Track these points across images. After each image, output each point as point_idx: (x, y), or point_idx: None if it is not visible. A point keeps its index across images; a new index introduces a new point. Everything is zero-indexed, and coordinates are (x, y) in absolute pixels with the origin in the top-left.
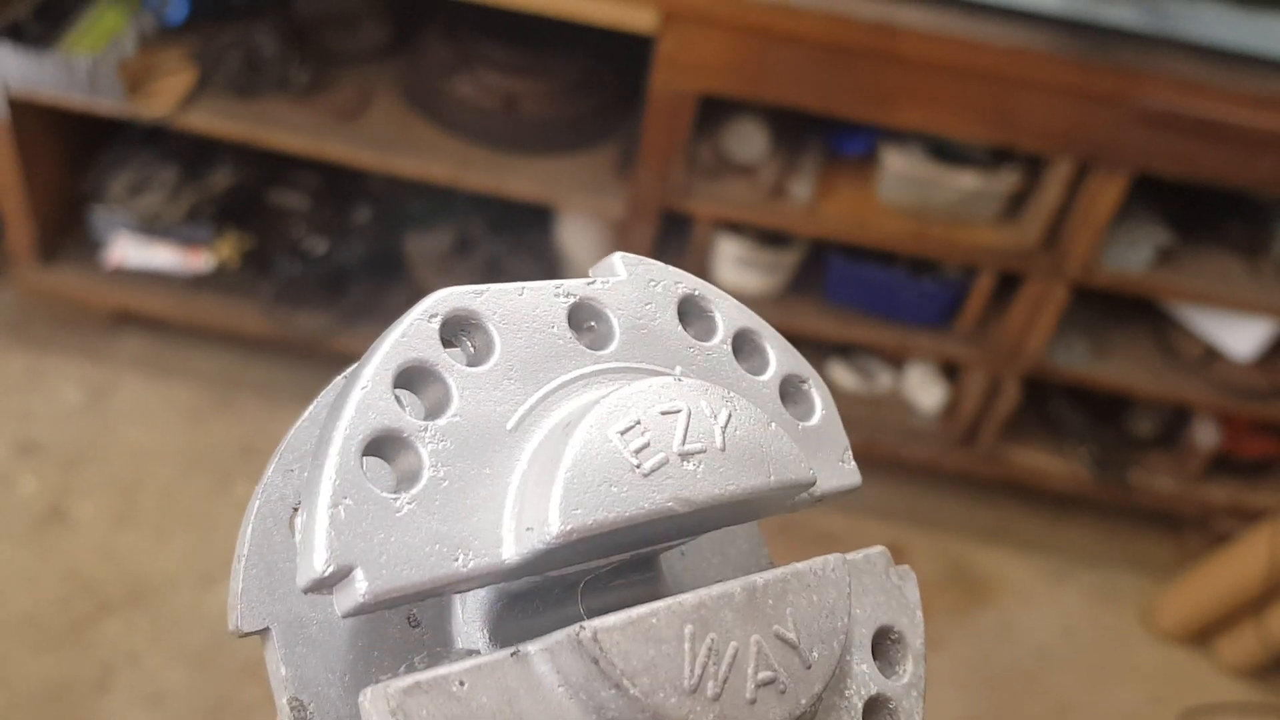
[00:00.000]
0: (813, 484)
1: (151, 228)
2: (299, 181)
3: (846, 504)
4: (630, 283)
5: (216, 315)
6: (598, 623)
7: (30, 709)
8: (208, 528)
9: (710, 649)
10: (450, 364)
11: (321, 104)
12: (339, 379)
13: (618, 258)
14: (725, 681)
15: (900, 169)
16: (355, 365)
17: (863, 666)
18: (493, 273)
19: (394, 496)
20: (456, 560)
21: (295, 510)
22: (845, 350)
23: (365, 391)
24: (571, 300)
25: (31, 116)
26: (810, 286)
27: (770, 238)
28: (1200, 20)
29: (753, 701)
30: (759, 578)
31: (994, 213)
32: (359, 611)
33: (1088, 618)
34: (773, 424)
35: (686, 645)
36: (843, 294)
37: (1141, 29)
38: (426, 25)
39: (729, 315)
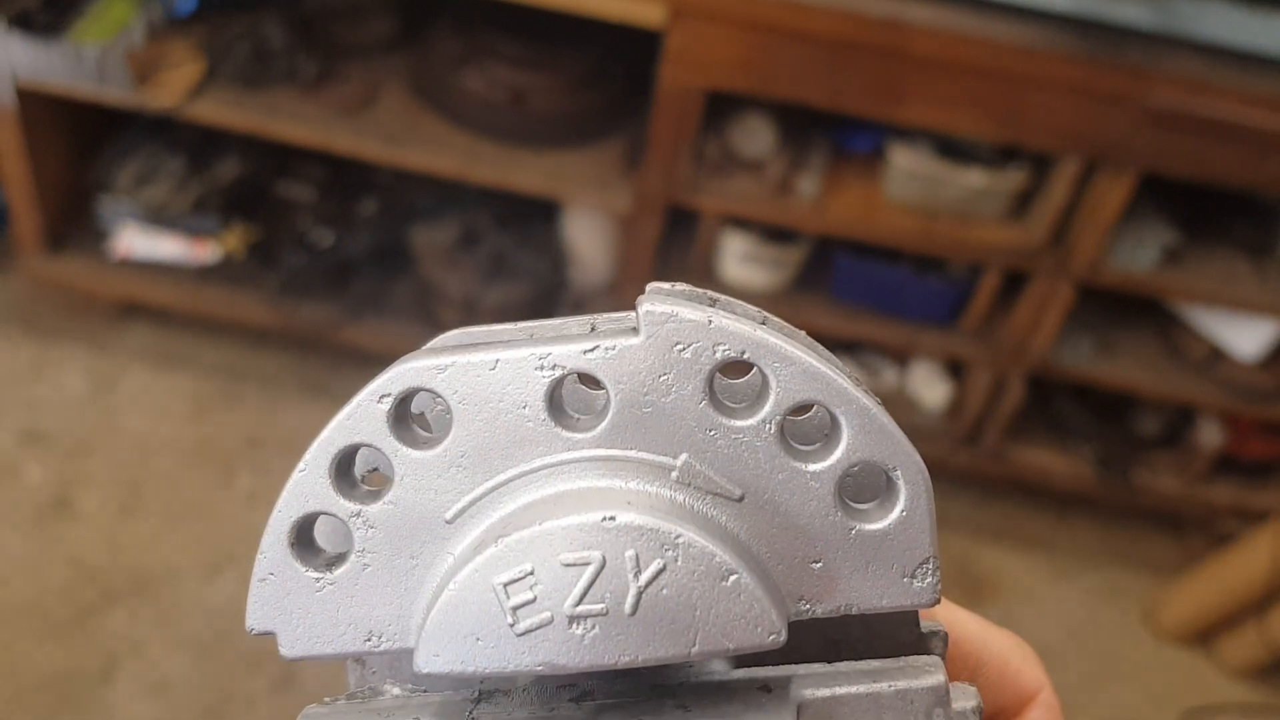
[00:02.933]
0: (772, 646)
1: (158, 218)
2: (306, 173)
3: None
4: (646, 347)
5: (222, 306)
6: None
7: (34, 698)
8: (212, 518)
9: None
10: (395, 448)
11: (329, 96)
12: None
13: (642, 312)
14: None
15: (907, 166)
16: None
17: None
18: (498, 266)
19: (317, 576)
20: (369, 641)
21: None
22: (850, 347)
23: (302, 475)
24: (555, 375)
25: (39, 106)
26: (816, 283)
27: (776, 234)
28: (1209, 20)
29: None
30: None
31: (1001, 211)
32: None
33: (1090, 617)
34: (735, 577)
35: None
36: (848, 291)
37: (1150, 28)
38: (435, 18)
39: (787, 385)
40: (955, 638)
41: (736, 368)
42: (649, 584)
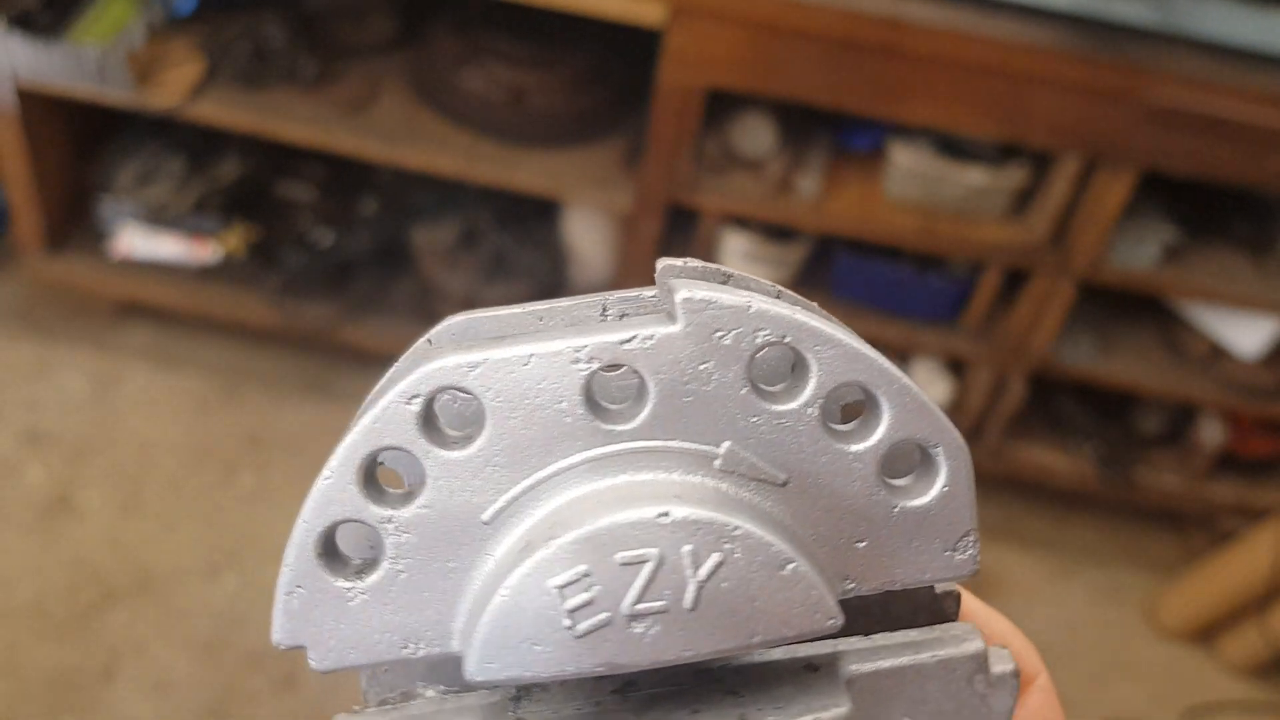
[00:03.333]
0: (830, 631)
1: (158, 218)
2: (306, 173)
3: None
4: (686, 335)
5: (223, 306)
6: None
7: (37, 697)
8: (214, 518)
9: None
10: (426, 450)
11: (329, 95)
12: (420, 343)
13: (679, 300)
14: None
15: (908, 164)
16: (425, 337)
17: None
18: (498, 266)
19: (348, 586)
20: (406, 648)
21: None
22: None
23: (328, 483)
24: (595, 367)
25: (39, 106)
26: (817, 281)
27: (777, 232)
28: (1209, 17)
29: None
30: None
31: (1001, 209)
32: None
33: (1091, 615)
34: (793, 565)
35: None
36: (849, 289)
37: (1150, 26)
38: (435, 18)
39: (830, 368)
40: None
41: (786, 384)
42: (709, 578)
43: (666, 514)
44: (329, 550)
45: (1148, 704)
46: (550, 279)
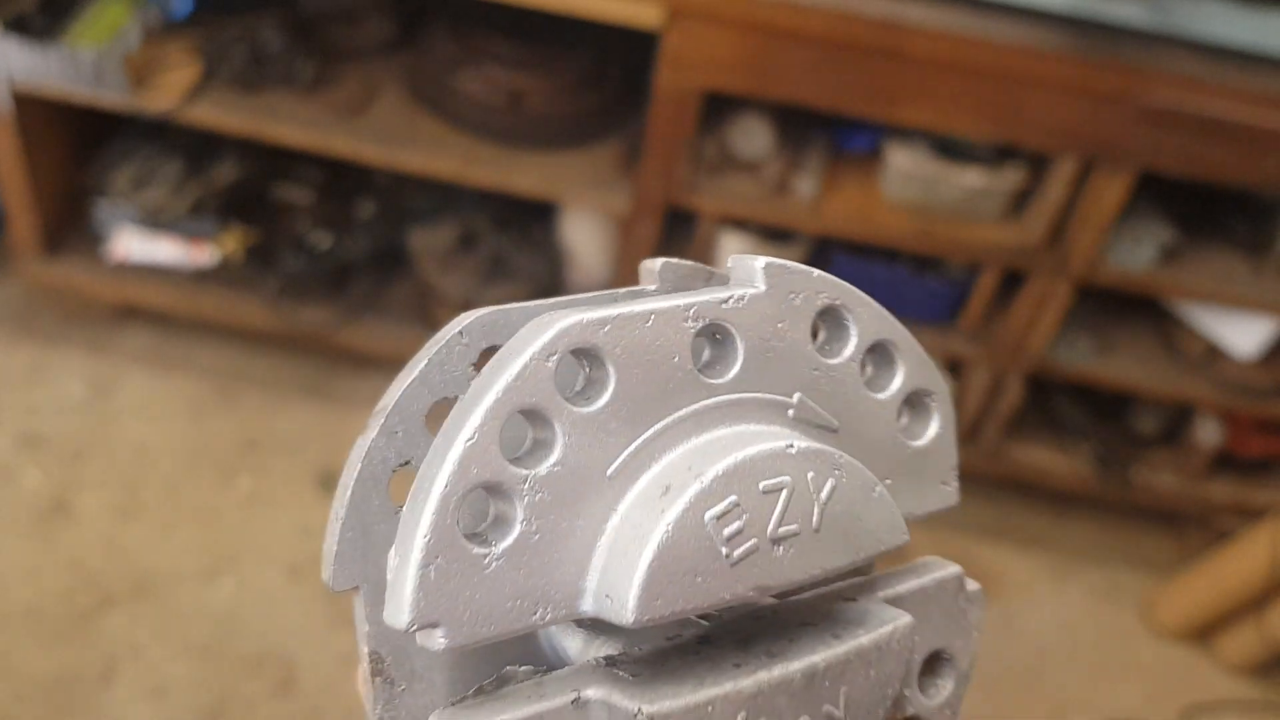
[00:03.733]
0: (906, 543)
1: (155, 221)
2: (303, 176)
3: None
4: (768, 296)
5: (220, 309)
6: (655, 708)
7: (34, 701)
8: (211, 521)
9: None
10: (561, 408)
11: (326, 99)
12: (450, 333)
13: (760, 265)
14: None
15: (905, 166)
16: (456, 328)
17: (906, 692)
18: (496, 268)
19: (484, 552)
20: (535, 614)
21: (394, 471)
22: None
23: (470, 445)
24: (701, 324)
25: (36, 110)
26: None
27: (774, 234)
28: (1205, 18)
29: None
30: (821, 659)
31: (998, 210)
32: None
33: (1089, 615)
34: (878, 488)
35: None
36: None
37: (1146, 27)
38: (432, 20)
39: (866, 327)
40: None
41: (833, 341)
42: (828, 500)
43: (792, 445)
44: (464, 517)
45: (1145, 703)
46: (548, 281)
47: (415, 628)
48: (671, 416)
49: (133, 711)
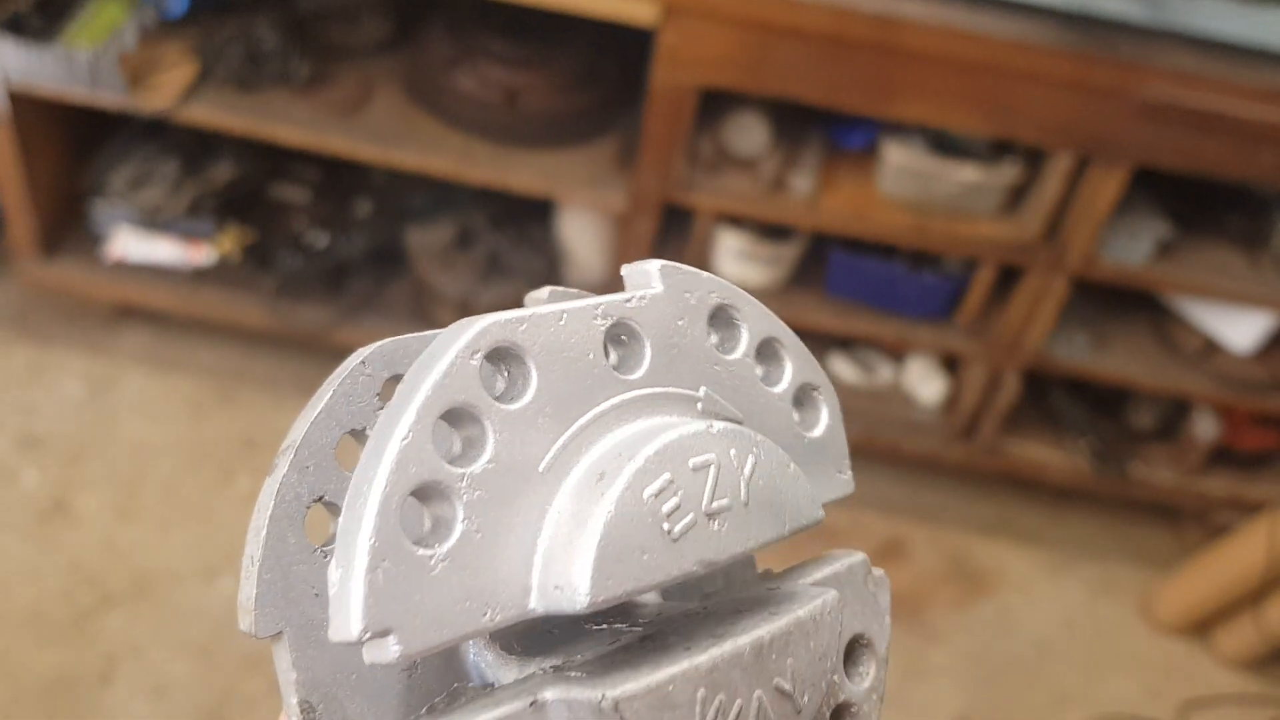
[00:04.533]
0: (822, 520)
1: (153, 221)
2: (300, 175)
3: (847, 498)
4: (666, 296)
5: (218, 309)
6: (618, 692)
7: (34, 702)
8: (210, 521)
9: (718, 710)
10: (490, 405)
11: (323, 97)
12: (353, 363)
13: (655, 267)
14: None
15: (901, 162)
16: (358, 359)
17: (835, 678)
18: (494, 266)
19: (429, 554)
20: (484, 616)
21: (308, 508)
22: (845, 343)
23: (405, 444)
24: (609, 323)
25: (32, 110)
26: (811, 280)
27: (771, 231)
28: (1200, 12)
29: None
30: (765, 632)
31: (994, 206)
32: (386, 663)
33: (1087, 609)
34: (791, 465)
35: (698, 709)
36: (843, 287)
37: (1141, 21)
38: (427, 19)
39: (755, 325)
40: None
41: (727, 339)
42: (751, 475)
43: (712, 426)
44: (406, 519)
45: (1143, 698)
46: (546, 279)
47: (368, 636)
48: (594, 410)
49: (133, 711)
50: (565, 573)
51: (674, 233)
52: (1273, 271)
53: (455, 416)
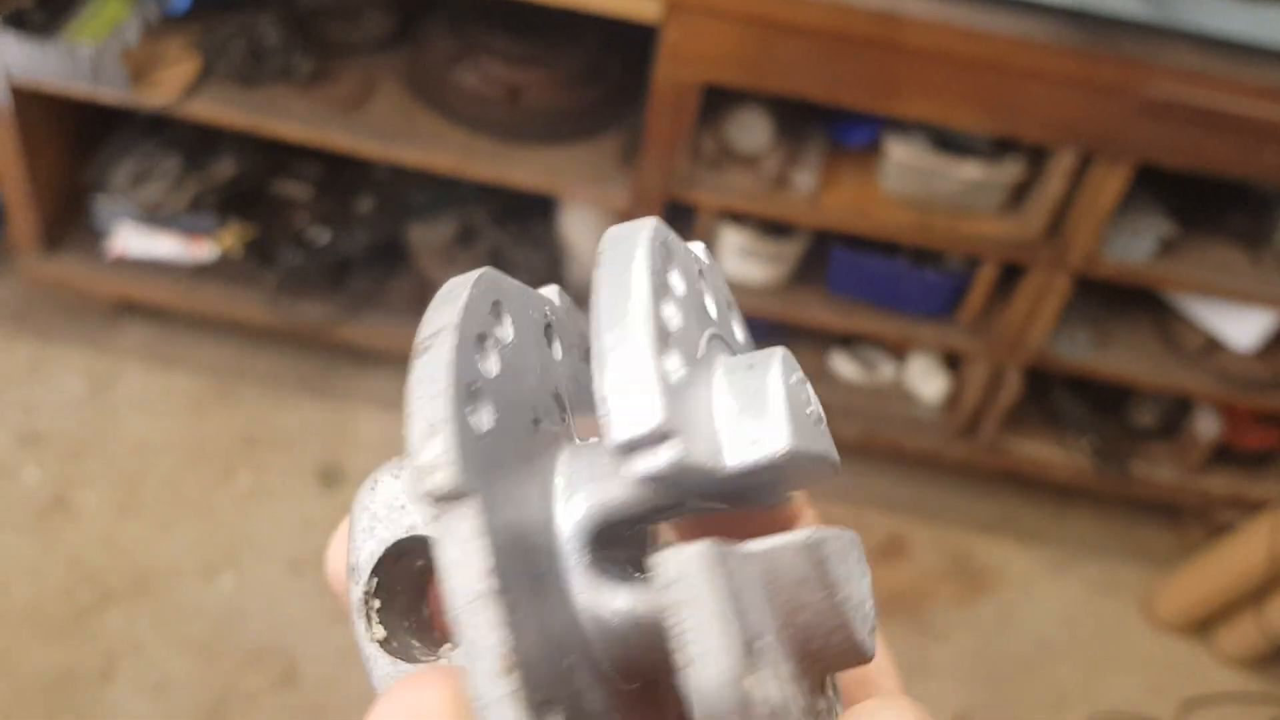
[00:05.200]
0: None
1: (154, 217)
2: (302, 171)
3: (849, 495)
4: (713, 269)
5: (219, 305)
6: (816, 534)
7: (34, 698)
8: (210, 518)
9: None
10: (670, 284)
11: (325, 94)
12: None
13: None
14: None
15: (903, 160)
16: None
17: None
18: (496, 262)
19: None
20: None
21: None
22: (847, 341)
23: (643, 293)
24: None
25: (34, 105)
26: (812, 277)
27: (773, 228)
28: (1203, 10)
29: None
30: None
31: (997, 203)
32: (656, 479)
33: (1088, 608)
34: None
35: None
36: (845, 284)
37: (1144, 19)
38: (430, 15)
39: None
40: None
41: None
42: (817, 400)
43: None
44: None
45: (1145, 696)
46: (548, 275)
47: (657, 440)
48: (713, 327)
49: (133, 707)
50: (757, 427)
51: (676, 229)
52: (1275, 270)
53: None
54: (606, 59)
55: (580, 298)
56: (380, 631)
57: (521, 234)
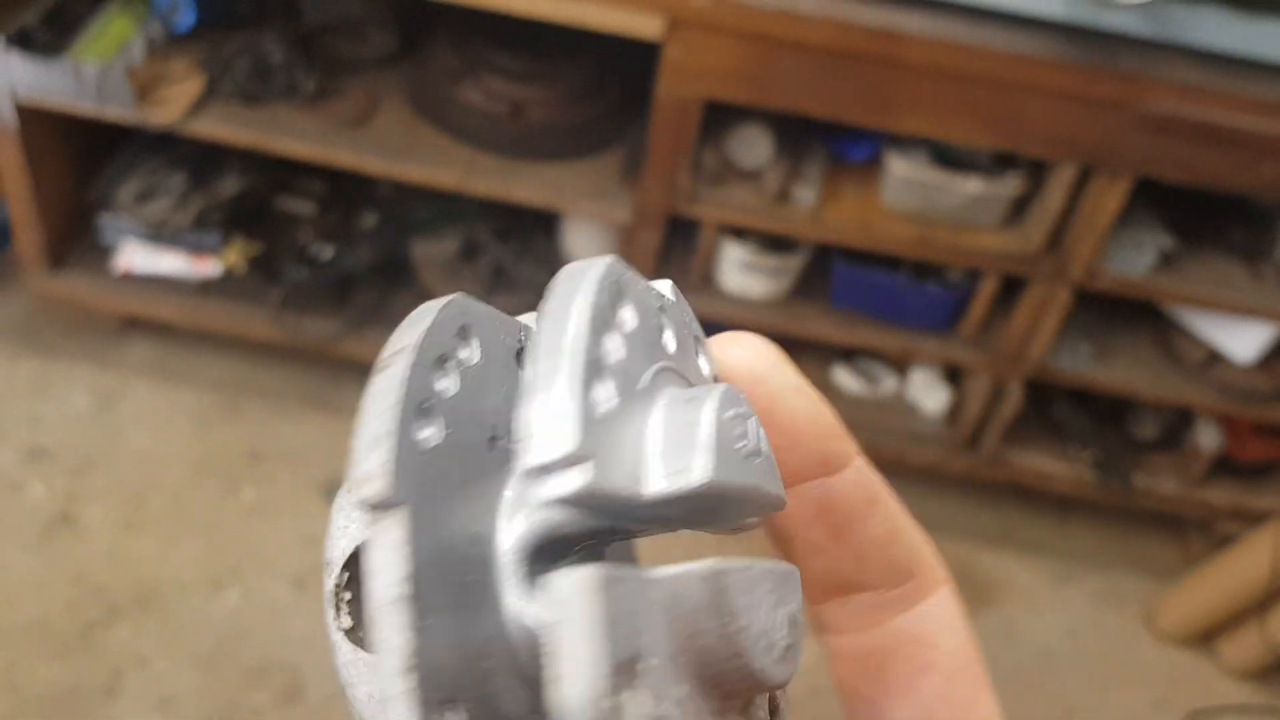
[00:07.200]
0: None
1: (159, 234)
2: (306, 188)
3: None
4: (678, 306)
5: (224, 321)
6: (716, 565)
7: (39, 714)
8: (216, 532)
9: (790, 619)
10: (615, 321)
11: (329, 111)
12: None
13: (668, 286)
14: (789, 646)
15: (904, 174)
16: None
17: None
18: (498, 279)
19: (600, 400)
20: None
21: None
22: (849, 354)
23: (592, 300)
24: (669, 301)
25: (39, 123)
26: (815, 291)
27: (775, 243)
28: (1202, 26)
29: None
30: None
31: (998, 217)
32: (568, 503)
33: (1091, 620)
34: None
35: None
36: (847, 298)
37: (1143, 34)
38: (433, 33)
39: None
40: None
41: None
42: (758, 434)
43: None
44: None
45: (1149, 709)
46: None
47: (568, 465)
48: (663, 361)
49: None
50: (680, 459)
51: (678, 245)
52: (1274, 283)
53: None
54: (608, 75)
55: None
56: (347, 621)
57: (524, 250)
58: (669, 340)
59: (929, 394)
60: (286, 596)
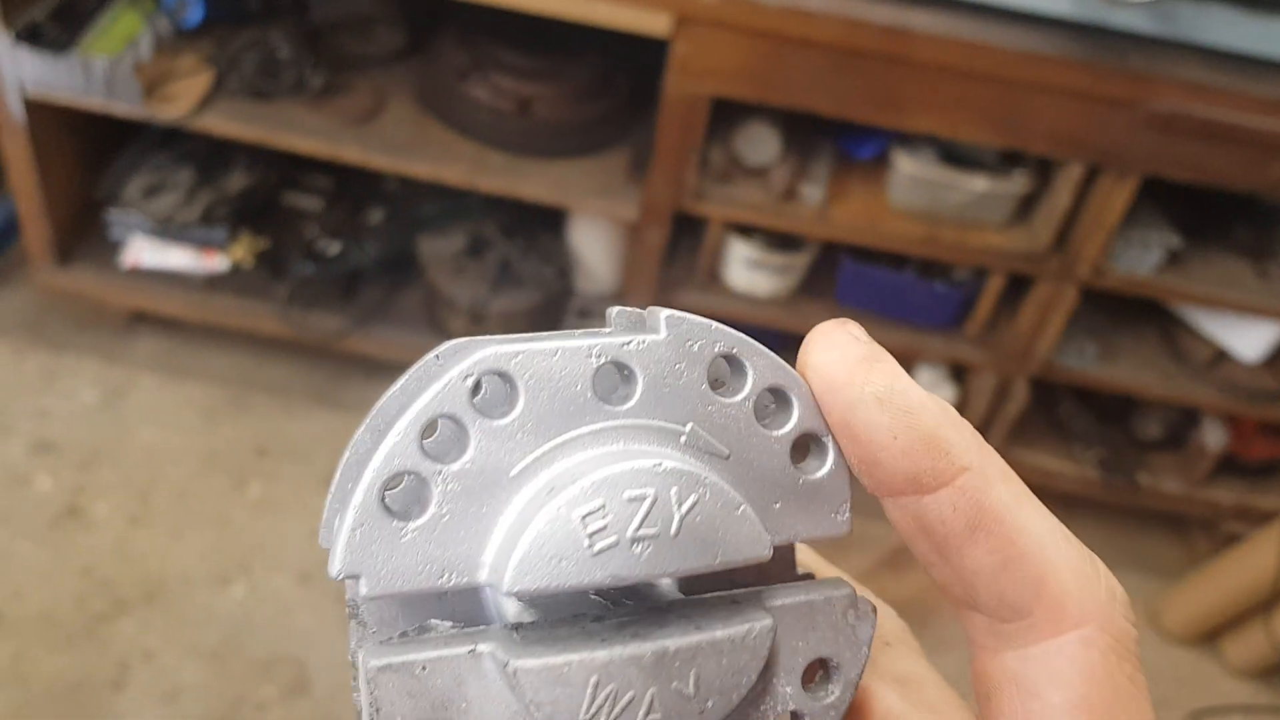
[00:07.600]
0: (766, 559)
1: (167, 229)
2: (313, 184)
3: (855, 507)
4: (667, 343)
5: (231, 316)
6: (519, 663)
7: (46, 706)
8: (222, 527)
9: (609, 696)
10: (474, 419)
11: (336, 107)
12: (429, 357)
13: (663, 317)
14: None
15: (911, 172)
16: (434, 354)
17: (787, 689)
18: (505, 275)
19: (401, 525)
20: (441, 578)
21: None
22: None
23: (395, 441)
24: (601, 362)
25: (48, 118)
26: (821, 289)
27: (782, 240)
28: (1210, 24)
29: None
30: (673, 643)
31: (1004, 216)
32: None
33: None
34: (743, 507)
35: (589, 691)
36: (853, 296)
37: (1151, 33)
38: (441, 29)
39: (761, 373)
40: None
41: (732, 384)
42: (688, 513)
43: (661, 464)
44: (387, 497)
45: (1153, 707)
46: (556, 288)
47: (343, 576)
48: (571, 433)
49: (144, 716)
50: (505, 561)
51: (685, 242)
52: None
53: (444, 421)
54: (616, 73)
55: (586, 310)
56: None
57: (530, 246)
58: (627, 393)
59: (934, 392)
60: (292, 591)
